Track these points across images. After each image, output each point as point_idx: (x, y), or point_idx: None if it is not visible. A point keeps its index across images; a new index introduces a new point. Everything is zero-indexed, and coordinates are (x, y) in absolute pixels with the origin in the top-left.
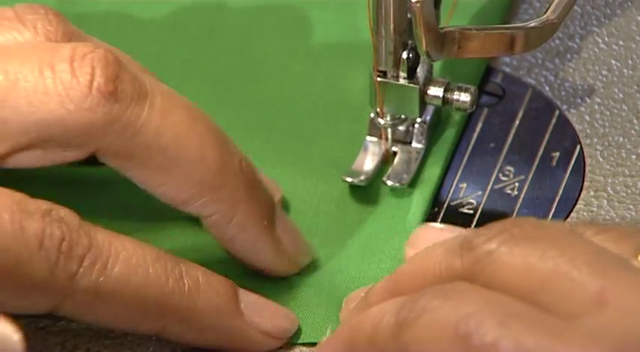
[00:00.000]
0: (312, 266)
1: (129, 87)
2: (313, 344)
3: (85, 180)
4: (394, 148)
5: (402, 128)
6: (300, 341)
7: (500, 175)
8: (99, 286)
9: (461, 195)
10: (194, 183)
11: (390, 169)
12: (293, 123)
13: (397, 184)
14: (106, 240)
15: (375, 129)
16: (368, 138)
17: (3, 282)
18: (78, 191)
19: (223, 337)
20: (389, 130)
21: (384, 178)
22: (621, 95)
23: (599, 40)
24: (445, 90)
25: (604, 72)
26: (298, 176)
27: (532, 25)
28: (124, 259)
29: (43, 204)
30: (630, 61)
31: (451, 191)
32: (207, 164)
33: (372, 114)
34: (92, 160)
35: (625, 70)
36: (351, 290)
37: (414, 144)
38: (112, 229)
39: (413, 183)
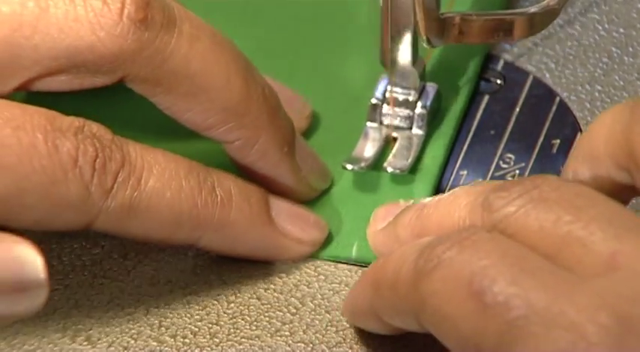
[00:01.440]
0: (336, 183)
1: (159, 14)
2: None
3: (111, 91)
4: (394, 134)
5: (402, 114)
6: (327, 255)
7: (501, 162)
8: (133, 201)
9: (461, 182)
10: (219, 109)
11: (391, 156)
12: (324, 40)
13: (397, 171)
14: (139, 155)
15: (375, 115)
16: (368, 124)
17: (39, 202)
18: (105, 102)
19: (256, 245)
20: (389, 117)
21: (385, 165)
22: (622, 82)
23: (600, 27)
24: None
25: (604, 59)
26: (328, 95)
27: (532, 10)
28: (157, 173)
29: (76, 121)
30: (631, 49)
31: (451, 178)
32: (233, 90)
33: (373, 101)
34: None
35: (625, 58)
36: (377, 203)
37: (415, 131)
38: (141, 140)
39: (413, 170)
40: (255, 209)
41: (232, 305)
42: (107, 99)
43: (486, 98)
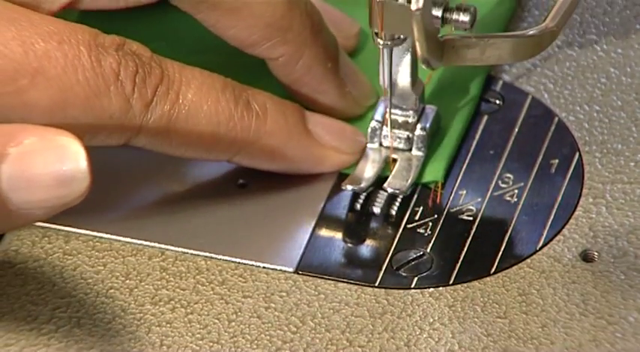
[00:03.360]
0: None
1: None
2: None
3: (142, 14)
4: (394, 155)
5: (402, 136)
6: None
7: (500, 182)
8: (172, 114)
9: (460, 201)
10: (262, 25)
11: (390, 176)
12: None
13: (397, 191)
14: (177, 70)
15: (374, 137)
16: (369, 145)
17: (83, 114)
18: (141, 29)
19: (295, 156)
20: (389, 138)
21: (385, 185)
22: (620, 102)
23: (598, 48)
24: (444, 11)
25: (602, 79)
26: None
27: (531, 32)
28: (194, 87)
29: (117, 39)
30: (629, 69)
31: (451, 198)
32: (275, 6)
33: (373, 123)
34: None
35: (623, 78)
36: None
37: (414, 152)
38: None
39: (413, 189)
40: (291, 120)
41: (233, 323)
42: (142, 27)
43: (485, 118)
